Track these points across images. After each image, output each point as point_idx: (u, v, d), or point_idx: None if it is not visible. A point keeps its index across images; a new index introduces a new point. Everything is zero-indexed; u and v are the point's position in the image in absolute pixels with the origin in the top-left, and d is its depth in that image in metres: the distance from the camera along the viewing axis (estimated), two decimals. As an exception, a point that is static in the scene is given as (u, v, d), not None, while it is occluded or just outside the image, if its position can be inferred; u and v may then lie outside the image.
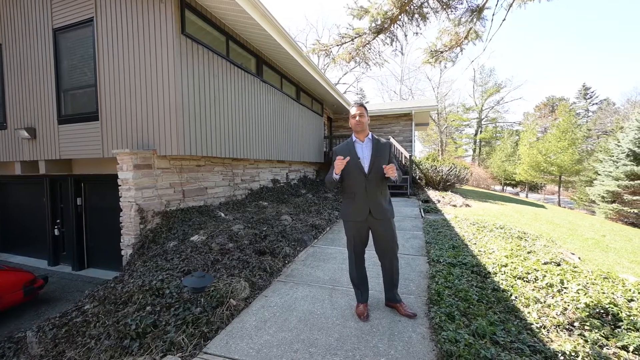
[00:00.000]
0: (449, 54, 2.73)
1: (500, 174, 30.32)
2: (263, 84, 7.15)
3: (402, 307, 2.59)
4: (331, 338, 2.24)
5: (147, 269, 3.51)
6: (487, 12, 2.39)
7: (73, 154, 5.54)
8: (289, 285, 3.16)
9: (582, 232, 7.13)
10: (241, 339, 2.23)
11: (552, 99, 42.11)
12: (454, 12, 2.44)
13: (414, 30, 2.55)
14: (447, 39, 2.65)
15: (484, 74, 37.78)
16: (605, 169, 17.34)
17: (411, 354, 2.06)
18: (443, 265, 3.54)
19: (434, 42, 2.76)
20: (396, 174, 2.40)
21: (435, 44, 2.76)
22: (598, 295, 2.81)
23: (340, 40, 2.71)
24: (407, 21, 2.46)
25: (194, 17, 4.99)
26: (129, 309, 2.72)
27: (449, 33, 2.61)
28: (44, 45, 5.64)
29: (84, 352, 2.42)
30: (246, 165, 7.13)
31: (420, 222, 5.98)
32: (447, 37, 2.64)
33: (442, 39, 2.69)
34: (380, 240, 2.58)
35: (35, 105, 5.84)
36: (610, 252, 5.44)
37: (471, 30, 2.48)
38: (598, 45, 75.22)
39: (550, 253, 4.07)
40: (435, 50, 2.76)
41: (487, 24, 2.42)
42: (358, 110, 2.52)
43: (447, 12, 2.45)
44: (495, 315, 2.45)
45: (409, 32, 2.56)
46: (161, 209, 4.82)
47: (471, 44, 2.67)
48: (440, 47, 2.73)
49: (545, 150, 22.96)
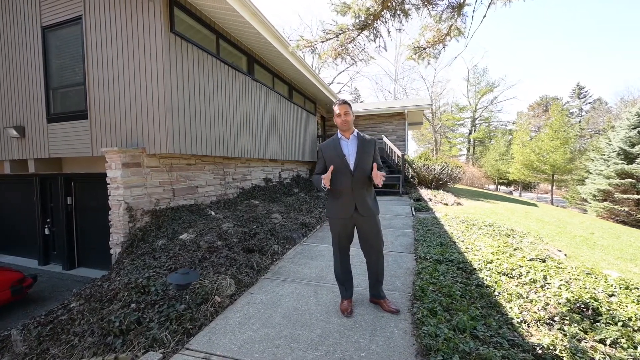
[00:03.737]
0: (432, 50, 2.76)
1: (494, 173, 30.55)
2: (255, 83, 7.15)
3: (386, 303, 2.61)
4: (313, 334, 2.25)
5: (135, 267, 3.51)
6: (468, 8, 2.42)
7: (62, 153, 5.50)
8: (276, 283, 3.17)
9: (571, 229, 7.22)
10: (224, 335, 2.24)
11: (545, 99, 42.48)
12: (435, 8, 2.46)
13: (397, 26, 2.57)
14: (429, 35, 2.67)
15: (477, 73, 38.03)
16: (596, 167, 17.54)
17: (392, 348, 2.08)
18: (430, 262, 3.57)
19: (417, 38, 2.78)
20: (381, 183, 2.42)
21: (418, 40, 2.79)
22: (580, 291, 2.85)
23: (325, 37, 2.73)
24: (390, 17, 2.48)
25: (183, 15, 4.98)
26: (113, 306, 2.71)
27: (431, 29, 2.64)
28: (33, 44, 5.59)
29: (67, 349, 2.42)
30: (238, 164, 7.12)
31: (410, 220, 6.02)
32: (429, 33, 2.66)
33: (424, 36, 2.72)
34: (366, 237, 2.60)
35: (24, 103, 5.79)
36: (597, 249, 5.51)
37: (452, 26, 2.50)
38: (591, 44, 76.03)
39: (537, 250, 4.12)
40: (418, 46, 2.78)
41: (467, 21, 2.45)
42: (342, 108, 2.53)
43: (429, 9, 2.47)
44: (477, 311, 2.48)
45: (391, 29, 2.58)
46: (150, 207, 4.81)
47: (454, 40, 2.70)
48: (423, 44, 2.76)
49: (538, 149, 23.19)
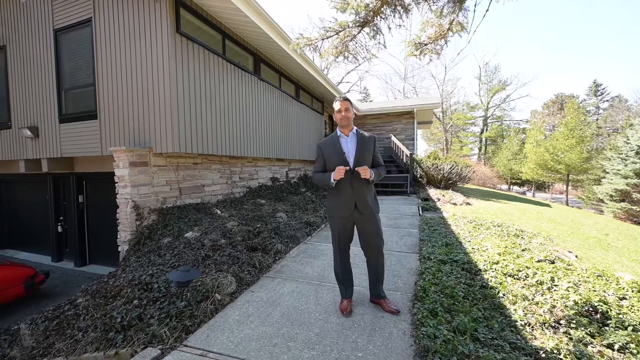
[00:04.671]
0: (433, 46, 2.71)
1: (507, 172, 29.89)
2: (261, 83, 7.17)
3: (387, 304, 2.58)
4: (311, 333, 2.24)
5: (140, 264, 3.57)
6: (470, 2, 2.35)
7: (74, 152, 5.64)
8: (277, 281, 3.17)
9: (585, 230, 7.00)
10: (222, 333, 2.25)
11: (561, 96, 41.33)
12: (436, 3, 2.41)
13: (397, 22, 2.53)
14: (431, 31, 2.62)
15: (489, 71, 37.25)
16: (613, 167, 16.96)
17: (389, 349, 2.06)
18: (433, 262, 3.51)
19: (418, 34, 2.74)
20: (372, 176, 2.39)
21: (419, 36, 2.74)
22: (588, 293, 2.76)
23: (325, 34, 2.71)
24: (390, 13, 2.45)
25: (189, 16, 5.03)
26: (117, 302, 2.76)
27: (432, 25, 2.59)
28: (46, 46, 5.76)
29: (71, 343, 2.47)
30: (244, 164, 7.17)
31: (417, 220, 5.95)
32: (431, 29, 2.61)
33: (426, 31, 2.67)
34: (366, 236, 2.57)
35: (37, 104, 5.96)
36: (611, 251, 5.32)
37: (454, 21, 2.45)
38: (610, 40, 73.49)
39: (546, 251, 4.01)
40: (419, 42, 2.74)
41: (469, 15, 2.39)
42: (343, 105, 2.51)
43: (429, 3, 2.42)
44: (480, 312, 2.43)
45: (392, 25, 2.54)
46: (157, 205, 4.88)
47: (457, 36, 2.65)
48: (424, 40, 2.71)
49: (552, 148, 22.56)
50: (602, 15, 68.89)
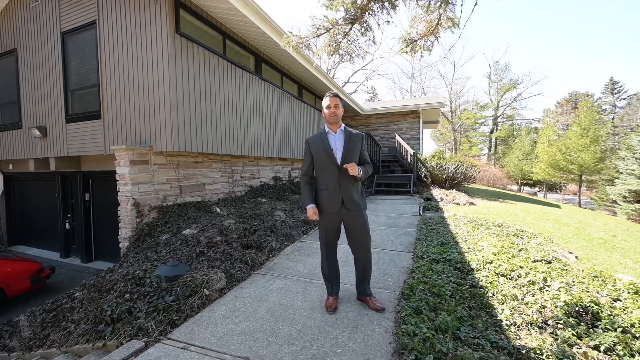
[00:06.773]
0: (424, 43, 2.69)
1: (517, 173, 29.25)
2: (262, 82, 7.23)
3: (372, 301, 2.58)
4: (294, 329, 2.27)
5: (136, 260, 3.66)
6: (457, -3, 2.33)
7: (79, 151, 5.81)
8: (267, 278, 3.21)
9: (592, 231, 6.81)
10: (206, 327, 2.30)
11: (575, 95, 40.26)
12: (423, -3, 2.40)
13: (386, 18, 2.53)
14: (421, 27, 2.61)
15: (499, 69, 36.49)
16: (627, 166, 16.44)
17: (369, 346, 2.06)
18: (426, 261, 3.49)
19: (408, 30, 2.72)
20: (360, 173, 2.40)
21: (409, 32, 2.73)
22: (580, 294, 2.70)
23: (316, 32, 2.72)
24: (378, 9, 2.44)
25: (189, 16, 5.12)
26: (110, 296, 2.84)
27: (421, 20, 2.57)
28: (54, 48, 5.94)
29: (64, 335, 2.56)
30: (246, 163, 7.24)
31: (416, 220, 5.90)
32: (421, 25, 2.60)
33: (416, 27, 2.66)
34: (353, 232, 2.58)
35: (46, 105, 6.17)
36: (616, 252, 5.17)
37: (442, 16, 2.43)
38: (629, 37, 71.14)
39: (543, 251, 3.93)
40: (409, 39, 2.72)
41: (457, 10, 2.36)
42: (333, 101, 2.52)
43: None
44: (465, 311, 2.41)
45: (381, 21, 2.54)
46: (157, 203, 4.98)
47: (449, 31, 2.62)
48: (414, 36, 2.69)
49: (565, 147, 21.96)
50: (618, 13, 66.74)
